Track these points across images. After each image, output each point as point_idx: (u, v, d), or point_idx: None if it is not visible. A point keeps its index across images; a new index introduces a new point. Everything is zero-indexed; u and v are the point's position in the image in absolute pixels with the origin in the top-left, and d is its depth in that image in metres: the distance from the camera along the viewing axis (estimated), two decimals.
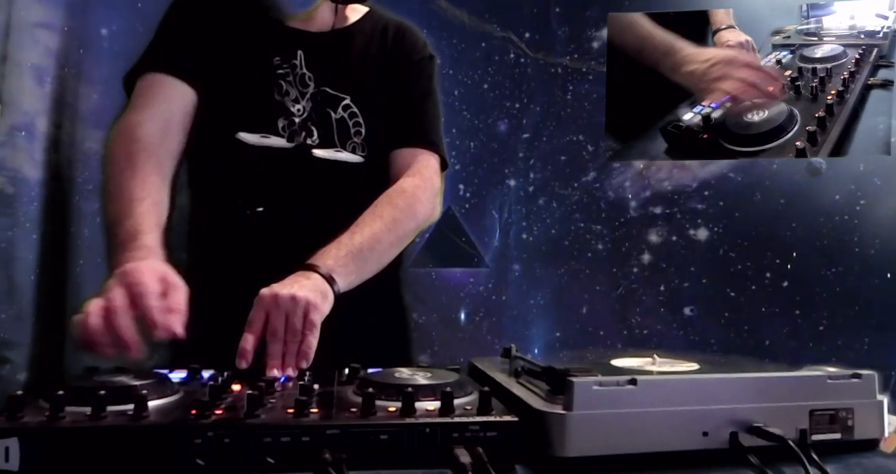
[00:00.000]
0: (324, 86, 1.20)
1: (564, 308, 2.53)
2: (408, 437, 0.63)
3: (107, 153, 1.07)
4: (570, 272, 2.54)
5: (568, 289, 2.54)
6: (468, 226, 2.56)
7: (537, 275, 2.56)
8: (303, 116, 1.18)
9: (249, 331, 0.89)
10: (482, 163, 2.59)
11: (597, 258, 2.53)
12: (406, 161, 1.22)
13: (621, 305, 2.51)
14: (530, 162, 2.59)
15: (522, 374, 0.81)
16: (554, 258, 2.55)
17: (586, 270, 2.53)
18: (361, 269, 1.06)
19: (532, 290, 2.57)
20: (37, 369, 1.82)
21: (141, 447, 0.61)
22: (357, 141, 1.21)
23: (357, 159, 1.20)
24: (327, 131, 1.19)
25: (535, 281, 2.57)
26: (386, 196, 1.16)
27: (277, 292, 0.91)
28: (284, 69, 1.18)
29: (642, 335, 2.45)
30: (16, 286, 1.81)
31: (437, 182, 1.25)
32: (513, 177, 2.60)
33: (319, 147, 1.18)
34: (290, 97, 1.18)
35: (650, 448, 0.66)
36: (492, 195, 2.60)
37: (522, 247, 2.59)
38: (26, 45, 1.85)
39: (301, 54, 1.19)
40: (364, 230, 1.08)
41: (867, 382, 0.73)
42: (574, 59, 2.53)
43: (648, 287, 2.48)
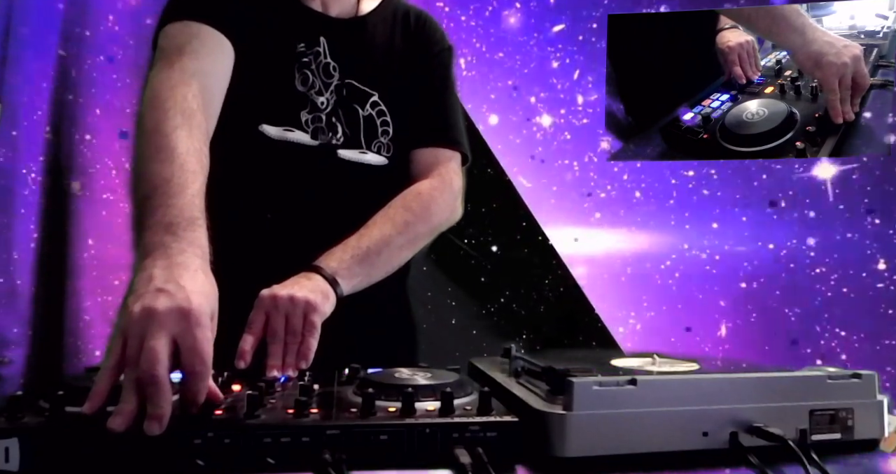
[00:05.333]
0: (349, 78, 1.14)
1: None
2: (408, 437, 0.63)
3: (145, 109, 0.89)
4: None
5: None
6: None
7: None
8: (327, 110, 1.11)
9: (249, 332, 0.88)
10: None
11: None
12: (427, 161, 1.19)
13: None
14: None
15: (522, 374, 0.81)
16: None
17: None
18: (368, 272, 1.04)
19: None
20: (37, 369, 1.82)
21: (141, 447, 0.60)
22: (384, 141, 1.16)
23: (382, 161, 1.16)
24: (353, 129, 1.13)
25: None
26: (401, 198, 1.12)
27: (276, 293, 0.90)
28: (308, 57, 1.10)
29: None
30: (16, 286, 1.81)
31: (458, 182, 1.20)
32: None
33: (344, 146, 1.13)
34: (315, 88, 1.11)
35: (650, 448, 0.66)
36: None
37: None
38: (27, 45, 1.85)
39: (324, 41, 1.12)
40: (373, 233, 1.05)
41: (867, 382, 0.73)
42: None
43: None
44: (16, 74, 1.83)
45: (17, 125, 1.85)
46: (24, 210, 1.86)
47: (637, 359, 0.87)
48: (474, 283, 2.55)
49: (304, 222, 1.11)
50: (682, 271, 2.41)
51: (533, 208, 2.51)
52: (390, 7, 1.24)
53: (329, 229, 1.04)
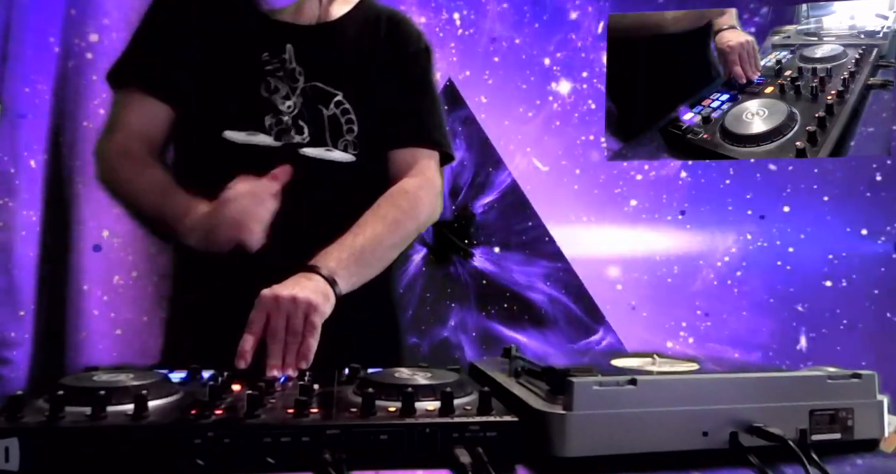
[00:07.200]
0: (314, 80, 1.18)
1: None
2: (408, 437, 0.63)
3: (107, 171, 1.14)
4: None
5: None
6: None
7: None
8: (293, 113, 1.16)
9: (249, 332, 0.89)
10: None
11: None
12: (406, 161, 1.21)
13: None
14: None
15: (522, 374, 0.81)
16: None
17: None
18: (363, 271, 1.06)
19: None
20: (37, 369, 1.82)
21: (141, 447, 0.61)
22: (349, 138, 1.19)
23: (349, 158, 1.18)
24: (319, 129, 1.17)
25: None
26: (388, 196, 1.15)
27: (278, 293, 0.91)
28: (274, 65, 1.16)
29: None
30: (16, 286, 1.82)
31: (439, 181, 1.24)
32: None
33: (310, 145, 1.16)
34: (280, 94, 1.15)
35: (650, 448, 0.66)
36: None
37: None
38: (26, 46, 1.85)
39: (290, 48, 1.17)
40: (366, 231, 1.08)
41: (867, 382, 0.73)
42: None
43: None
44: (15, 71, 1.84)
45: (18, 124, 1.85)
46: (23, 210, 1.86)
47: (637, 359, 0.87)
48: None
49: (275, 222, 1.12)
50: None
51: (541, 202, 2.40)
52: (363, 10, 1.27)
53: (302, 227, 1.07)
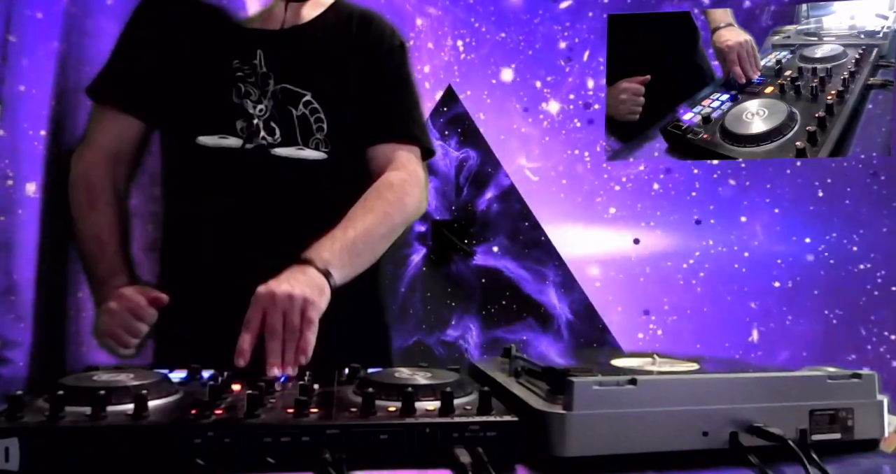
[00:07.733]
0: (283, 82, 1.20)
1: None
2: (408, 437, 0.63)
3: (70, 191, 1.23)
4: None
5: None
6: None
7: None
8: (265, 116, 1.18)
9: (247, 330, 0.89)
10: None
11: None
12: (386, 157, 1.23)
13: None
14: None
15: (522, 374, 0.81)
16: None
17: None
18: (356, 263, 1.07)
19: None
20: (37, 369, 1.82)
21: (141, 447, 0.61)
22: (320, 137, 1.20)
23: (320, 156, 1.20)
24: (289, 129, 1.19)
25: None
26: (375, 190, 1.16)
27: (274, 290, 0.90)
28: (245, 71, 1.19)
29: None
30: (16, 285, 1.82)
31: (422, 174, 1.25)
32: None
33: (281, 145, 1.18)
34: (252, 98, 1.18)
35: (650, 448, 0.66)
36: None
37: None
38: (26, 45, 1.85)
39: (260, 53, 1.20)
40: (357, 223, 1.09)
41: (867, 382, 0.73)
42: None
43: None
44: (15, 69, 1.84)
45: (18, 124, 1.85)
46: (23, 211, 1.86)
47: (637, 359, 0.87)
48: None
49: (247, 220, 1.17)
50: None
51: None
52: (335, 11, 1.28)
53: (279, 225, 1.13)
